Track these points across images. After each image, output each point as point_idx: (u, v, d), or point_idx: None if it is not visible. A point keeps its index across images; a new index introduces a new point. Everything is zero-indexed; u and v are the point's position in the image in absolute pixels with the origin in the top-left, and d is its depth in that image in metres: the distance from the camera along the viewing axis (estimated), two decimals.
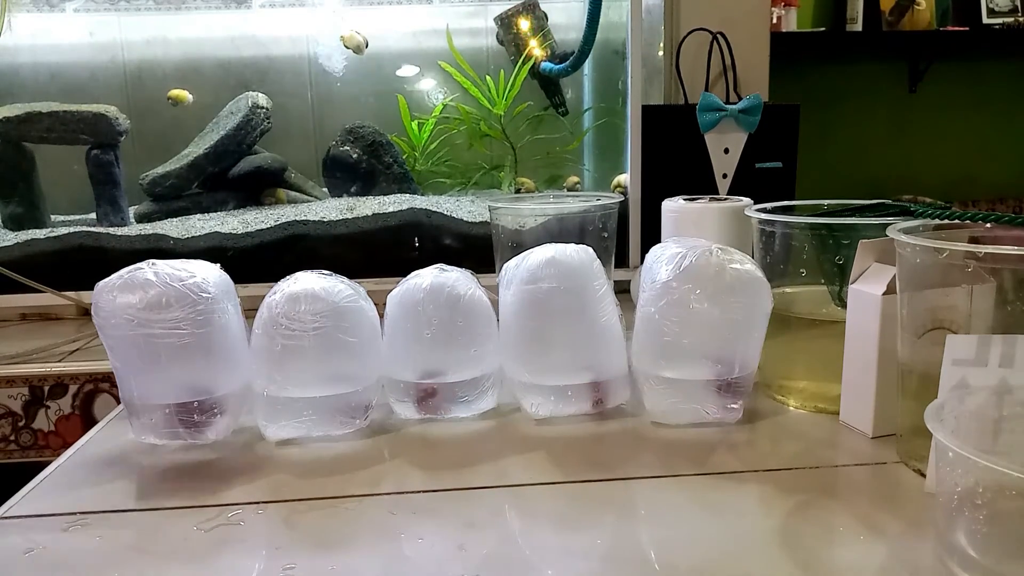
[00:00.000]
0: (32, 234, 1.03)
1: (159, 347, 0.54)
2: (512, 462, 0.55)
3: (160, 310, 0.54)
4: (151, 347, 0.54)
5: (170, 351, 0.55)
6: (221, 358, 0.57)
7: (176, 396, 0.56)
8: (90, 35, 1.22)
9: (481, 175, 1.26)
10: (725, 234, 0.76)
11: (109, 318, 0.54)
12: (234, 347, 0.58)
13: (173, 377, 0.56)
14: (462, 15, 1.29)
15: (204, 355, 0.56)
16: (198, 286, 0.55)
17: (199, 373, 0.57)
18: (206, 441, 0.58)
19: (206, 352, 0.56)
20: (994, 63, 2.50)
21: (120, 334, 0.55)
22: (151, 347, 0.54)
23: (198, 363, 0.56)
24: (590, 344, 0.60)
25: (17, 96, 1.16)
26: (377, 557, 0.43)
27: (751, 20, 1.15)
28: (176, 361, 0.55)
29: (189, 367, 0.56)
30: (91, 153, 1.07)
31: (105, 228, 1.06)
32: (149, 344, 0.54)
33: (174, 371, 0.56)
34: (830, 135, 2.48)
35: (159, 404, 0.56)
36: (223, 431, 0.59)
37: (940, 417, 0.41)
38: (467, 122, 1.22)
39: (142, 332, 0.54)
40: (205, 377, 0.57)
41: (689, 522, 0.46)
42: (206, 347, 0.56)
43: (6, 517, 0.49)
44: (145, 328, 0.54)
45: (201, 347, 0.55)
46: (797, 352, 0.65)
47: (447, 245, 1.05)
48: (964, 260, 0.45)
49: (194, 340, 0.55)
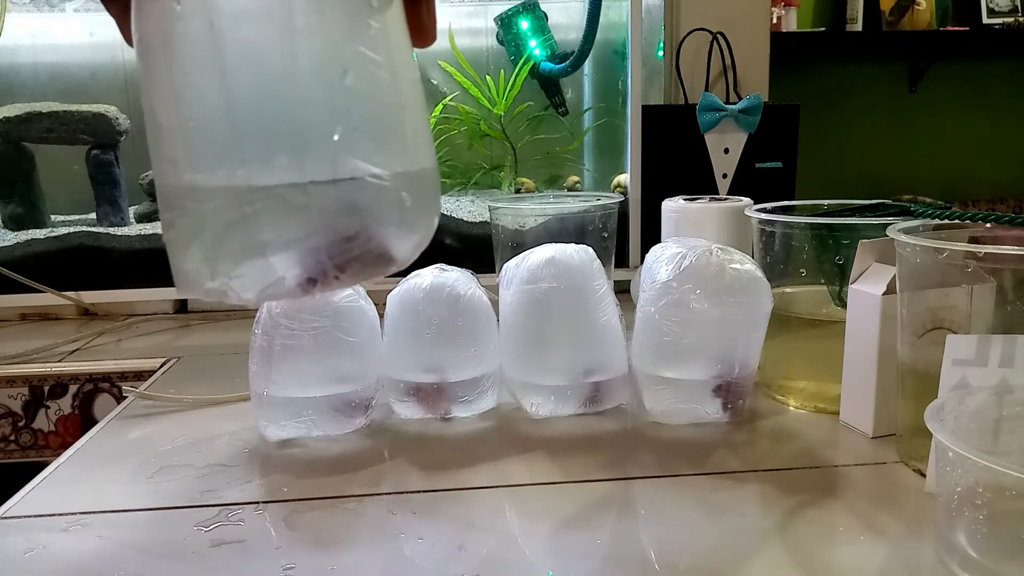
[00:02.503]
0: (32, 234, 1.03)
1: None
2: (512, 462, 0.55)
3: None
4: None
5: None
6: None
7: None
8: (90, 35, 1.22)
9: (481, 175, 1.26)
10: (725, 234, 0.76)
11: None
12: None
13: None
14: (462, 15, 1.29)
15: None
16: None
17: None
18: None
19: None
20: (994, 63, 2.51)
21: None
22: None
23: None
24: (590, 344, 0.60)
25: (17, 96, 1.15)
26: (377, 557, 0.43)
27: (751, 20, 1.15)
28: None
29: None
30: (91, 153, 1.07)
31: (105, 228, 1.06)
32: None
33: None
34: (830, 135, 2.48)
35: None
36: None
37: (940, 417, 0.41)
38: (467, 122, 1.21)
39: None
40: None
41: (689, 522, 0.46)
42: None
43: (6, 517, 0.49)
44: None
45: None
46: (797, 352, 0.65)
47: (447, 245, 1.05)
48: (964, 260, 0.45)
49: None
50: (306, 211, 0.30)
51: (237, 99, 0.29)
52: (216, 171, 0.30)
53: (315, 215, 0.30)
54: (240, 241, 0.30)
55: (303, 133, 0.30)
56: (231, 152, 0.30)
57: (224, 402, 0.68)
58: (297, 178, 0.30)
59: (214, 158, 0.30)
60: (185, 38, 0.29)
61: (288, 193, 0.30)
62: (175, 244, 0.32)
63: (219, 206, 0.30)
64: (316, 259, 0.31)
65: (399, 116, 0.32)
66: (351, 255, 0.31)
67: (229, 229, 0.30)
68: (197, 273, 0.32)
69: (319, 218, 0.30)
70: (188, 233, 0.31)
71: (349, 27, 0.30)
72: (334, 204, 0.31)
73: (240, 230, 0.30)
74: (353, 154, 0.30)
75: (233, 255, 0.31)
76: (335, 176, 0.30)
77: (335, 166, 0.30)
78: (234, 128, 0.30)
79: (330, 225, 0.31)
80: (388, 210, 0.32)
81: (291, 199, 0.30)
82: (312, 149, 0.30)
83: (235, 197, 0.30)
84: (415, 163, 0.33)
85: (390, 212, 0.32)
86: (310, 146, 0.30)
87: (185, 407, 0.68)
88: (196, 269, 0.32)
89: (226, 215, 0.30)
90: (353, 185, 0.30)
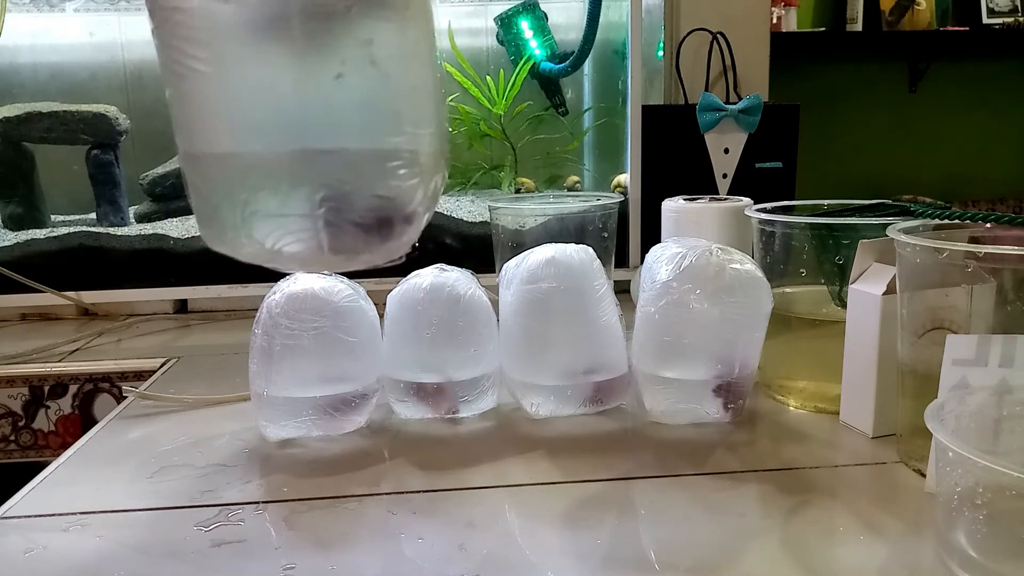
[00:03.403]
0: (32, 234, 1.03)
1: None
2: (512, 462, 0.55)
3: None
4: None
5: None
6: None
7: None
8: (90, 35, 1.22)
9: (481, 175, 1.26)
10: (725, 234, 0.76)
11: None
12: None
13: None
14: (462, 15, 1.29)
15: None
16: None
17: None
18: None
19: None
20: (994, 63, 2.51)
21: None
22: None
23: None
24: (590, 344, 0.60)
25: (17, 96, 1.15)
26: (377, 557, 0.43)
27: (751, 20, 1.15)
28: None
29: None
30: (91, 153, 1.07)
31: (105, 228, 1.06)
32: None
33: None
34: (830, 135, 2.48)
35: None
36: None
37: (940, 417, 0.41)
38: (467, 122, 1.21)
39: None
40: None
41: (689, 522, 0.46)
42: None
43: (6, 517, 0.49)
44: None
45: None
46: (797, 352, 0.65)
47: (447, 245, 1.05)
48: (964, 260, 0.45)
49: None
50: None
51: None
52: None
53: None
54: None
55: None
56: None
57: (224, 402, 0.68)
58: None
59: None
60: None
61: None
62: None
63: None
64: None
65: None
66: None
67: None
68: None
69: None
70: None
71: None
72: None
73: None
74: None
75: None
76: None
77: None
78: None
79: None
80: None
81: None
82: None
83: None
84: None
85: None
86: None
87: (185, 407, 0.68)
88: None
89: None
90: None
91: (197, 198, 0.40)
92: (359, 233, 0.39)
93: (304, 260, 0.40)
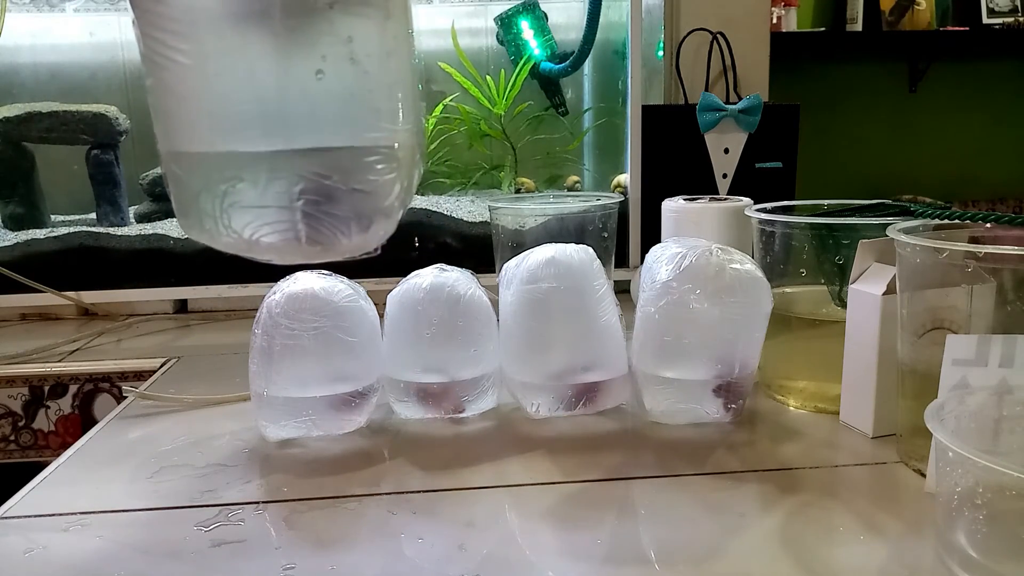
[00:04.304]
0: (32, 234, 1.03)
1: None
2: (512, 462, 0.55)
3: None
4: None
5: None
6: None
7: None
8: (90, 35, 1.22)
9: (481, 175, 1.26)
10: (725, 234, 0.76)
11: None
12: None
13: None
14: (462, 15, 1.29)
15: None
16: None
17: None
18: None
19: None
20: (994, 63, 2.51)
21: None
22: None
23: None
24: (590, 344, 0.60)
25: (17, 96, 1.15)
26: (377, 557, 0.43)
27: (751, 20, 1.15)
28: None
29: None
30: (91, 153, 1.07)
31: (105, 228, 1.06)
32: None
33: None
34: (830, 135, 2.48)
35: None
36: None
37: (940, 417, 0.41)
38: (467, 122, 1.21)
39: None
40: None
41: (689, 522, 0.46)
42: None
43: (6, 517, 0.49)
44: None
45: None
46: (797, 352, 0.65)
47: (447, 245, 1.05)
48: (964, 260, 0.45)
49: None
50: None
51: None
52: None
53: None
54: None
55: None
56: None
57: (224, 402, 0.68)
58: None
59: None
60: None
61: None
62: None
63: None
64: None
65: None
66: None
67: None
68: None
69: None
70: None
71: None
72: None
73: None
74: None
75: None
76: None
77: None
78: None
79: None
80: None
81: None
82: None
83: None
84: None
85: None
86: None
87: (185, 407, 0.68)
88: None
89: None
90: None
91: (176, 188, 0.41)
92: (336, 225, 0.40)
93: (281, 251, 0.40)
